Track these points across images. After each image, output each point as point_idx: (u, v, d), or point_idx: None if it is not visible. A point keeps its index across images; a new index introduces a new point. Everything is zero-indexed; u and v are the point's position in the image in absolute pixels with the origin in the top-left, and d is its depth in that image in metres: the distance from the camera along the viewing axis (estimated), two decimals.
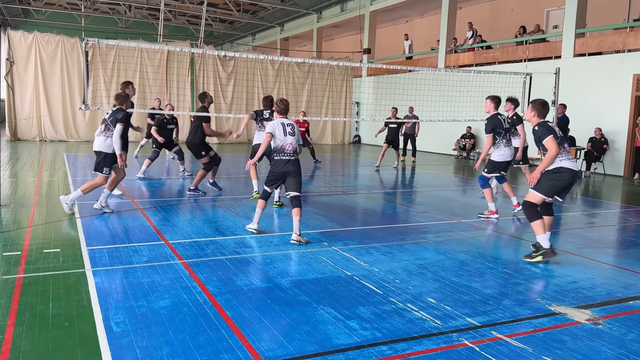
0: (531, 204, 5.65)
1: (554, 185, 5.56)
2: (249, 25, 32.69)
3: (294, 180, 6.37)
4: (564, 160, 5.56)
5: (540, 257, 5.58)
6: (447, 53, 20.76)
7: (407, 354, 3.37)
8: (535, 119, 5.71)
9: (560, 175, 5.53)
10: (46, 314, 3.84)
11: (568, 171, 5.53)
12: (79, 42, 20.06)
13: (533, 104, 5.78)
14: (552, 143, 5.46)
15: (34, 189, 9.25)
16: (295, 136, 6.47)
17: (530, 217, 5.64)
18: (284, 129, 6.42)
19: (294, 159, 6.44)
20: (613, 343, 3.64)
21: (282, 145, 6.37)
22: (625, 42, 14.57)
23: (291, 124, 6.53)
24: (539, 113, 5.71)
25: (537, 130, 5.60)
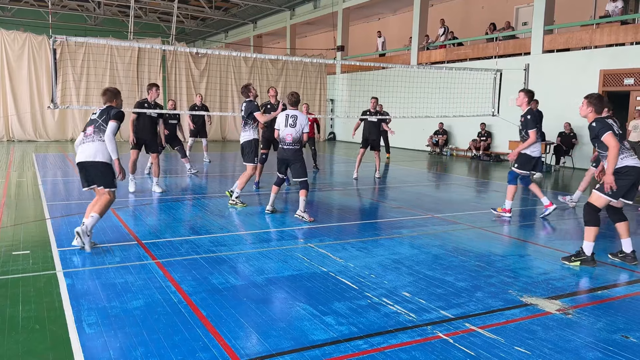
0: (594, 207, 5.35)
1: (619, 186, 5.22)
2: (222, 22, 32.43)
3: (295, 167, 7.19)
4: (627, 158, 5.29)
5: (579, 262, 5.32)
6: (420, 50, 20.95)
7: (382, 348, 3.40)
8: (592, 114, 5.38)
9: (625, 174, 5.24)
10: (16, 317, 3.76)
11: (632, 169, 5.25)
12: (47, 39, 19.63)
13: (589, 99, 5.41)
14: (612, 139, 5.15)
15: (1, 190, 9.03)
16: (295, 127, 7.14)
17: (588, 222, 5.33)
18: (285, 120, 7.20)
19: (293, 148, 7.18)
20: (582, 332, 3.74)
21: (283, 135, 7.18)
22: (592, 38, 14.92)
23: (294, 116, 7.17)
24: (596, 108, 5.37)
25: (595, 126, 5.28)
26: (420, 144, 20.57)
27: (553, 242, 6.44)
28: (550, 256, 5.76)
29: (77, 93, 19.65)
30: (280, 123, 7.25)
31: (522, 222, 7.87)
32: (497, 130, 17.32)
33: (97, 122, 5.68)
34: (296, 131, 7.12)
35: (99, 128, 5.63)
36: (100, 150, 5.55)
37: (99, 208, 5.58)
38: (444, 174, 13.84)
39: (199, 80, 22.67)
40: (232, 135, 23.90)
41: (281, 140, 7.22)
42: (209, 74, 22.70)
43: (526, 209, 8.88)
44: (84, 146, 5.61)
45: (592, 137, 5.38)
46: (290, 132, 7.11)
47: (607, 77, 14.34)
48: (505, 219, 7.73)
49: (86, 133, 5.70)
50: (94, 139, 5.60)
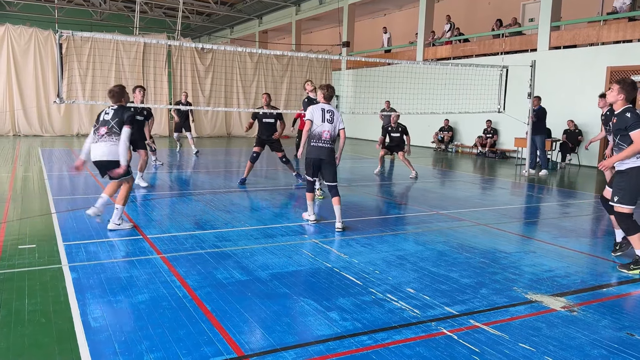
0: (625, 215, 5.03)
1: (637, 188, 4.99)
2: (227, 18, 32.39)
3: (330, 169, 6.61)
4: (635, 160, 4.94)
5: (638, 270, 4.99)
6: (425, 46, 20.88)
7: (386, 344, 3.40)
8: (623, 102, 4.97)
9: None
10: (22, 310, 3.78)
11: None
12: (53, 34, 19.66)
13: (622, 85, 4.95)
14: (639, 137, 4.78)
15: (8, 184, 9.07)
16: (332, 124, 6.58)
17: (627, 231, 5.06)
18: (322, 115, 6.56)
19: (330, 147, 6.59)
20: (587, 329, 3.72)
21: (319, 131, 6.51)
22: (599, 35, 14.82)
23: (331, 111, 6.61)
24: (627, 96, 4.94)
25: (629, 117, 4.85)
26: (425, 141, 20.51)
27: (558, 239, 6.42)
28: (555, 253, 5.74)
29: (82, 88, 19.70)
30: (316, 118, 6.52)
31: (527, 219, 7.85)
32: (503, 127, 17.25)
33: (109, 123, 5.96)
34: (333, 127, 6.56)
35: (111, 130, 5.93)
36: (114, 151, 5.90)
37: (121, 199, 6.09)
38: (449, 171, 13.81)
39: (204, 76, 22.69)
40: (237, 131, 23.92)
41: (316, 137, 6.50)
42: (215, 69, 22.71)
43: (531, 206, 8.85)
44: (98, 145, 5.93)
45: (620, 127, 4.93)
46: (328, 129, 6.50)
47: (614, 74, 14.24)
48: None
49: (99, 133, 5.95)
50: (106, 140, 5.92)
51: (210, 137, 23.29)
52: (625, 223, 5.04)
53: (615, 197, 5.05)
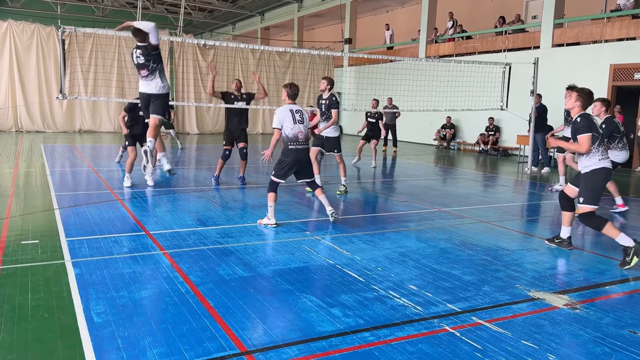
0: (590, 213, 5.36)
1: (600, 188, 5.38)
2: (229, 14, 32.36)
3: (308, 167, 6.62)
4: (604, 159, 5.36)
5: (636, 257, 5.05)
6: (428, 43, 20.85)
7: (389, 340, 3.41)
8: (579, 109, 5.42)
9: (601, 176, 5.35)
10: (25, 305, 3.79)
11: (607, 171, 5.37)
12: (55, 30, 19.66)
13: (580, 93, 5.42)
14: (587, 143, 5.25)
15: (10, 180, 9.08)
16: (304, 123, 6.53)
17: (598, 227, 5.31)
18: (293, 117, 6.46)
19: (306, 147, 6.60)
20: (590, 327, 3.72)
21: (294, 133, 6.44)
22: (602, 32, 14.78)
23: (300, 111, 6.53)
24: (584, 104, 5.40)
25: (579, 122, 5.33)
26: (427, 138, 20.51)
27: None
28: (558, 251, 5.73)
29: (85, 84, 19.71)
30: (288, 121, 6.40)
31: (529, 217, 7.85)
32: (506, 124, 17.23)
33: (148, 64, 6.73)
34: (305, 127, 6.51)
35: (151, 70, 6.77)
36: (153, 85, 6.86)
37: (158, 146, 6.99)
38: (451, 168, 13.79)
39: (206, 73, 22.64)
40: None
41: (292, 140, 6.40)
42: (217, 65, 22.65)
43: (533, 204, 8.85)
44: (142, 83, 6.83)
45: (573, 131, 5.40)
46: (302, 129, 6.44)
47: (617, 72, 14.21)
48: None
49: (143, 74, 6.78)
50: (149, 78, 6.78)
51: (212, 133, 23.31)
52: (593, 221, 5.33)
53: (581, 198, 5.38)
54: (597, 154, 5.35)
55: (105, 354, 3.10)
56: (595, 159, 5.35)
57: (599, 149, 5.35)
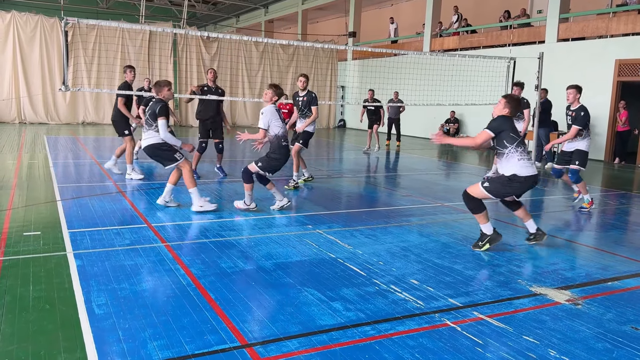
0: (472, 197, 5.32)
1: (507, 192, 5.26)
2: (233, 7, 32.24)
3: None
4: (520, 166, 5.11)
5: (488, 244, 5.34)
6: (432, 37, 20.75)
7: (390, 334, 3.40)
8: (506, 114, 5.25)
9: (515, 183, 5.14)
10: (27, 296, 3.80)
11: (524, 180, 5.14)
12: (59, 21, 19.63)
13: (508, 100, 5.25)
14: (483, 136, 5.17)
15: (13, 171, 9.10)
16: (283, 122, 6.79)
17: (474, 210, 5.33)
18: (280, 115, 6.69)
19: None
20: (591, 323, 3.71)
21: (283, 131, 6.69)
22: (608, 27, 14.68)
23: (279, 110, 6.75)
24: (511, 111, 5.24)
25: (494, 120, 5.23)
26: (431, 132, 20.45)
27: (563, 232, 6.40)
28: (560, 246, 5.72)
29: (88, 76, 19.71)
30: (275, 119, 6.59)
31: (532, 212, 7.82)
32: None
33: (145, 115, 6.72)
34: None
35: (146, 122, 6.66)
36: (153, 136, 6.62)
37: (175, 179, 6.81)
38: (455, 163, 13.75)
39: (210, 65, 22.62)
40: (242, 121, 23.90)
41: (283, 138, 6.63)
42: (220, 58, 22.66)
43: (536, 199, 8.81)
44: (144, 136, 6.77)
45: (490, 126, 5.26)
46: (284, 127, 6.73)
47: (622, 67, 14.12)
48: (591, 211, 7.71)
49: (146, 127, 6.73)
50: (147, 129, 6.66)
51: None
52: (473, 203, 5.32)
53: (485, 183, 5.25)
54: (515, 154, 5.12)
55: (106, 346, 3.10)
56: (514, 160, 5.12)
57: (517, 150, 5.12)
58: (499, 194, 5.29)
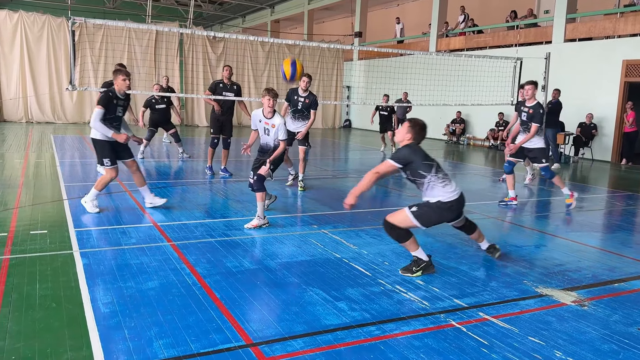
0: (395, 226, 4.57)
1: (437, 219, 4.62)
2: (239, 7, 32.28)
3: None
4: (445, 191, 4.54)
5: (421, 272, 4.60)
6: (439, 37, 20.70)
7: (395, 334, 3.40)
8: (408, 141, 4.63)
9: (444, 211, 4.56)
10: (33, 295, 3.82)
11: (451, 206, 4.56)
12: (66, 21, 19.72)
13: (412, 125, 4.64)
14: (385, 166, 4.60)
15: (20, 170, 9.14)
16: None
17: (400, 238, 4.61)
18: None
19: None
20: (598, 324, 3.69)
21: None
22: (615, 27, 14.60)
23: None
24: (415, 137, 4.62)
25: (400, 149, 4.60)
26: (437, 133, 20.39)
27: (569, 233, 6.36)
28: (567, 247, 5.69)
29: (95, 75, 19.77)
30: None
31: (538, 213, 7.79)
32: None
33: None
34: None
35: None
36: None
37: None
38: (461, 163, 13.72)
39: (216, 65, 22.68)
40: (248, 121, 23.77)
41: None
42: (226, 58, 22.68)
43: (542, 200, 8.78)
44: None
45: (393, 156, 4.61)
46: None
47: (630, 68, 14.04)
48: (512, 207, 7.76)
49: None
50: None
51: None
52: (396, 232, 4.58)
53: (413, 207, 4.54)
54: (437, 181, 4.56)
55: (112, 344, 3.12)
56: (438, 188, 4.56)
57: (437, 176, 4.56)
58: (429, 221, 4.56)
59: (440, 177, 4.59)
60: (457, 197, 4.61)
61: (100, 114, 6.06)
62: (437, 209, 4.55)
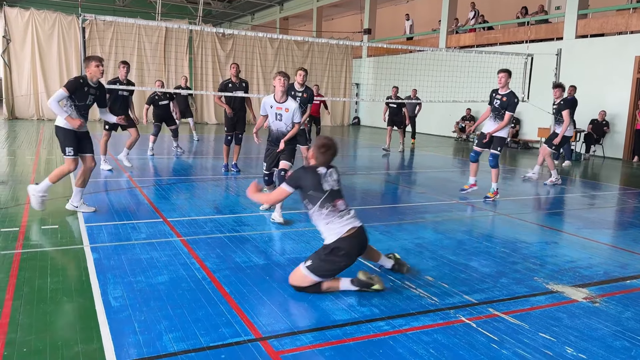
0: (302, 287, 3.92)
1: (331, 268, 3.88)
2: (248, 4, 32.28)
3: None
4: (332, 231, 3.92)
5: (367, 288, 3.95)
6: (448, 34, 20.60)
7: (404, 330, 3.39)
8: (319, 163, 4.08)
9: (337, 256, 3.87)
10: (44, 288, 3.84)
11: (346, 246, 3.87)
12: (76, 19, 19.81)
13: (318, 148, 4.06)
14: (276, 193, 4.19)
15: (31, 166, 9.22)
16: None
17: (316, 292, 3.91)
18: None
19: None
20: (609, 321, 3.66)
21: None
22: (628, 23, 14.44)
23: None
24: (322, 159, 4.06)
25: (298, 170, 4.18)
26: (446, 130, 20.32)
27: (581, 230, 6.31)
28: (578, 244, 5.65)
29: (105, 72, 19.89)
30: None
31: (549, 210, 7.74)
32: (526, 116, 16.98)
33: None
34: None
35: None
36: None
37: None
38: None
39: (225, 62, 22.71)
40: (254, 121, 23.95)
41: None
42: (235, 55, 22.72)
43: (554, 197, 8.72)
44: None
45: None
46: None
47: None
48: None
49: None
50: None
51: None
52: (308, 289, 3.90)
53: (308, 262, 3.92)
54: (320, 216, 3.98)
55: (122, 337, 3.13)
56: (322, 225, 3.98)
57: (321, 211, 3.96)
58: (326, 272, 3.87)
59: (327, 211, 3.91)
60: (347, 235, 3.87)
61: (62, 95, 5.72)
62: (327, 257, 3.86)
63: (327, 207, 3.95)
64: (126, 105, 9.23)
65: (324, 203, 3.95)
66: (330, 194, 3.99)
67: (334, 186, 4.05)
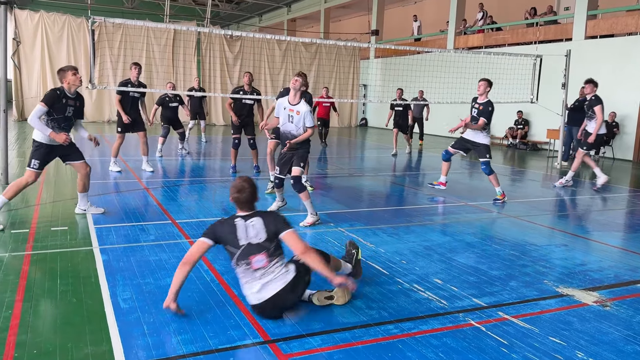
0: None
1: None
2: (256, 6, 32.38)
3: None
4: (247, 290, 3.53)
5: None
6: (456, 35, 20.54)
7: (413, 333, 3.37)
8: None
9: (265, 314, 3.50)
10: (54, 290, 3.86)
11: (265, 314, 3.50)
12: (85, 21, 19.94)
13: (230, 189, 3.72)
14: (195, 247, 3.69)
15: None
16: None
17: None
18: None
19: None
20: (620, 325, 3.62)
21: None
22: (638, 24, 14.34)
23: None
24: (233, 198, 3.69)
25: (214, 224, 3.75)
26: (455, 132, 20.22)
27: (591, 233, 6.27)
28: (588, 247, 5.60)
29: (114, 74, 19.99)
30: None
31: (558, 212, 7.69)
32: (535, 118, 16.89)
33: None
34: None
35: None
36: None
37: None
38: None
39: (233, 64, 22.79)
40: None
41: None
42: (243, 56, 22.79)
43: (563, 199, 8.66)
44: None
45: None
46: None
47: None
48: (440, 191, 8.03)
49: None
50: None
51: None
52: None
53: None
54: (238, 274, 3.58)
55: (131, 339, 3.14)
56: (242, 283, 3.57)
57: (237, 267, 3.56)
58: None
59: (242, 269, 3.50)
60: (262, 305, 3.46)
61: (41, 111, 5.51)
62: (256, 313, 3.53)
63: (241, 264, 3.50)
64: (137, 107, 9.27)
65: (239, 260, 3.50)
66: (246, 248, 3.49)
67: (254, 240, 3.51)
